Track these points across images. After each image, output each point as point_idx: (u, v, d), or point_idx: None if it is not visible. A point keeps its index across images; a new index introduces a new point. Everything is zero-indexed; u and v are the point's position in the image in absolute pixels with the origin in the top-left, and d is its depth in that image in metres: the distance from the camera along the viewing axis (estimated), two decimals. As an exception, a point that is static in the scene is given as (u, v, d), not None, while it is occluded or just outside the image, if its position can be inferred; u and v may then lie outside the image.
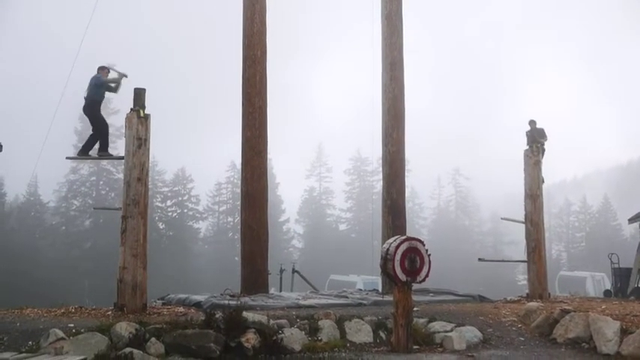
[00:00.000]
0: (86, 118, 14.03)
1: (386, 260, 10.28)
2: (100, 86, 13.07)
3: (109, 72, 13.39)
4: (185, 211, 73.97)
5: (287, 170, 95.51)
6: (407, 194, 18.33)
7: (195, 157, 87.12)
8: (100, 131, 13.35)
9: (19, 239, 58.56)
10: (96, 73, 13.19)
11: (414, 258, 10.22)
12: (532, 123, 17.09)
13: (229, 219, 76.87)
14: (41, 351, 8.68)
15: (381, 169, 17.92)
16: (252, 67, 16.16)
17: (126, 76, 13.31)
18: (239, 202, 17.30)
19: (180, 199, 73.84)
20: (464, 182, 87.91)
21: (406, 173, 18.09)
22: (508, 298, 15.88)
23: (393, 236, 12.11)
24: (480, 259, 20.82)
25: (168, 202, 73.40)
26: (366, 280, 37.58)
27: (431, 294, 15.88)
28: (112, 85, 13.37)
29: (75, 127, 63.23)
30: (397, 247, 10.21)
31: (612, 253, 20.87)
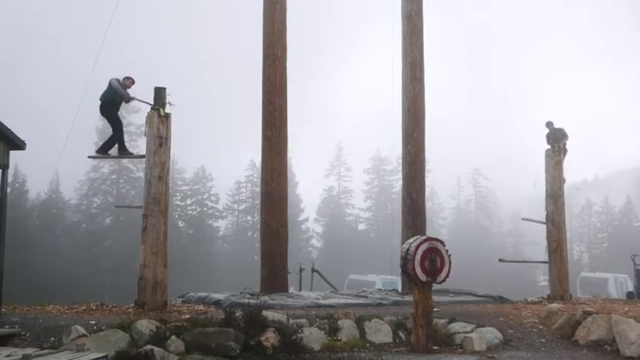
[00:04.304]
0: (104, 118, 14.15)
1: (406, 260, 10.26)
2: (115, 94, 13.00)
3: (133, 83, 13.32)
4: (205, 209, 74.26)
5: (306, 169, 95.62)
6: (426, 194, 18.27)
7: (215, 155, 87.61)
8: (115, 131, 13.45)
9: (41, 236, 59.09)
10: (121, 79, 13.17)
11: (434, 258, 10.19)
12: (549, 124, 16.94)
13: (249, 218, 77.04)
14: (63, 347, 8.78)
15: (400, 168, 17.88)
16: (273, 66, 16.21)
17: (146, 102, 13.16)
18: (258, 201, 17.37)
19: (199, 197, 74.15)
20: (484, 182, 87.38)
21: (426, 173, 18.03)
22: (529, 300, 15.77)
23: (412, 236, 12.08)
24: (500, 260, 20.66)
25: (188, 201, 73.73)
26: (386, 279, 37.42)
27: (451, 294, 15.82)
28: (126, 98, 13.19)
29: (96, 125, 63.76)
30: (417, 247, 10.19)
31: (635, 255, 20.63)
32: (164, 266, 11.57)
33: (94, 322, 9.83)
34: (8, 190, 10.76)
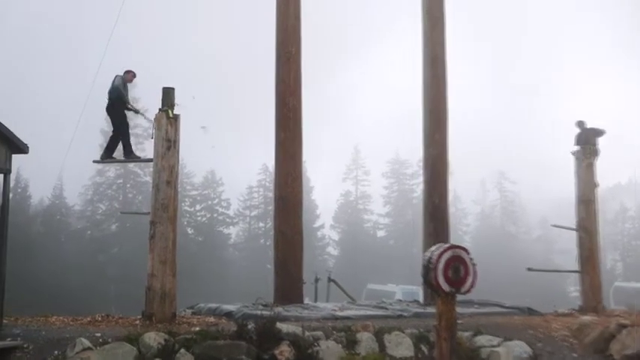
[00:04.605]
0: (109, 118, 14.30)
1: (428, 269, 10.19)
2: (117, 88, 13.24)
3: (135, 76, 13.60)
4: (215, 215, 74.58)
5: (322, 173, 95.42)
6: (449, 199, 18.21)
7: (225, 159, 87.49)
8: (120, 133, 13.57)
9: (44, 243, 59.64)
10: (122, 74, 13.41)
11: (458, 267, 10.11)
12: (581, 124, 16.64)
13: (261, 224, 77.22)
14: (67, 361, 8.83)
15: (421, 172, 17.84)
16: (286, 64, 16.22)
17: (142, 115, 13.58)
18: (271, 207, 17.42)
19: (209, 202, 74.49)
20: (510, 186, 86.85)
21: (448, 176, 17.97)
22: (559, 311, 15.62)
23: (434, 244, 12.00)
24: (528, 269, 20.48)
25: (198, 207, 74.10)
26: (406, 289, 37.41)
27: (476, 306, 15.72)
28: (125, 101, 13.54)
29: (101, 127, 64.17)
30: (440, 255, 10.11)
31: None
32: (173, 276, 11.61)
33: (99, 335, 9.87)
34: (10, 195, 10.85)
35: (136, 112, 13.77)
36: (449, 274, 10.09)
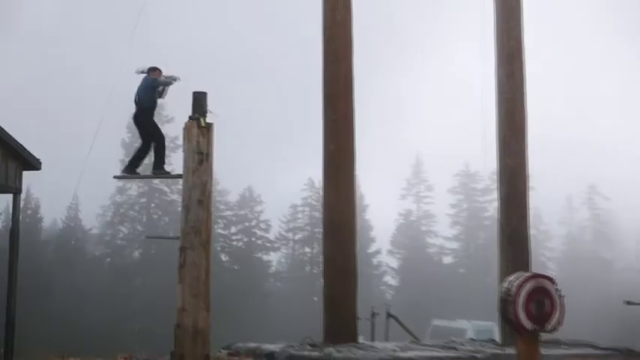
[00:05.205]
0: (135, 128, 14.45)
1: (506, 303, 10.10)
2: (154, 89, 13.47)
3: (161, 73, 13.78)
4: (253, 239, 74.90)
5: (377, 189, 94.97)
6: (529, 219, 18.03)
7: (265, 173, 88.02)
8: (153, 144, 13.71)
9: (58, 273, 60.48)
10: (146, 74, 13.63)
11: (542, 300, 10.00)
12: None
13: (307, 250, 77.27)
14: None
15: (495, 187, 17.72)
16: (335, 64, 16.29)
17: (177, 80, 13.63)
18: (318, 230, 17.47)
19: (246, 225, 74.85)
20: (602, 203, 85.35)
21: (528, 192, 17.80)
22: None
23: (513, 272, 11.90)
24: (627, 303, 20.16)
25: (233, 229, 74.53)
26: (479, 327, 37.05)
27: (564, 346, 15.54)
28: (160, 89, 13.73)
29: (122, 138, 65.34)
30: (520, 286, 10.02)
31: None
32: (206, 311, 11.67)
33: (122, 379, 10.02)
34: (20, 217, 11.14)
35: (169, 83, 13.62)
36: (531, 308, 9.98)
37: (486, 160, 18.19)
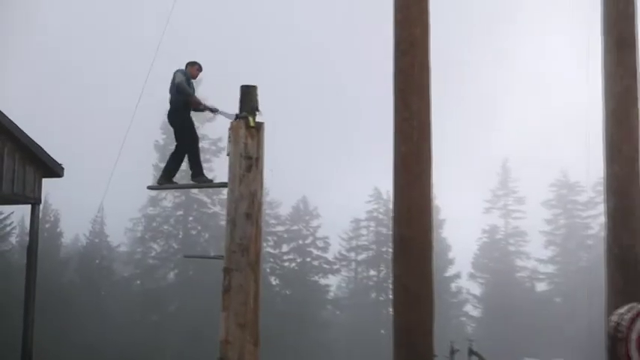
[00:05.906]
0: (171, 129, 14.61)
1: (615, 340, 9.98)
2: (181, 85, 13.45)
3: (200, 70, 13.87)
4: (308, 260, 75.02)
5: (457, 202, 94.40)
6: (644, 239, 17.75)
7: (322, 182, 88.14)
8: (186, 148, 13.81)
9: (80, 296, 61.29)
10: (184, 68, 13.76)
11: (660, 338, 9.86)
12: None
13: (372, 273, 77.09)
14: None
15: (600, 199, 17.49)
16: (408, 53, 16.18)
17: (223, 114, 13.62)
18: (387, 249, 17.42)
19: (300, 242, 75.03)
20: None
21: (642, 206, 17.54)
22: None
23: (624, 303, 11.73)
24: None
25: (284, 248, 74.81)
26: (579, 368, 36.67)
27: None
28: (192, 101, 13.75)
29: (155, 140, 66.05)
30: (632, 320, 9.91)
31: None
32: (254, 345, 11.70)
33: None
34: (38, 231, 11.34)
35: (214, 111, 13.64)
36: (647, 347, 9.84)
37: (589, 168, 17.95)
